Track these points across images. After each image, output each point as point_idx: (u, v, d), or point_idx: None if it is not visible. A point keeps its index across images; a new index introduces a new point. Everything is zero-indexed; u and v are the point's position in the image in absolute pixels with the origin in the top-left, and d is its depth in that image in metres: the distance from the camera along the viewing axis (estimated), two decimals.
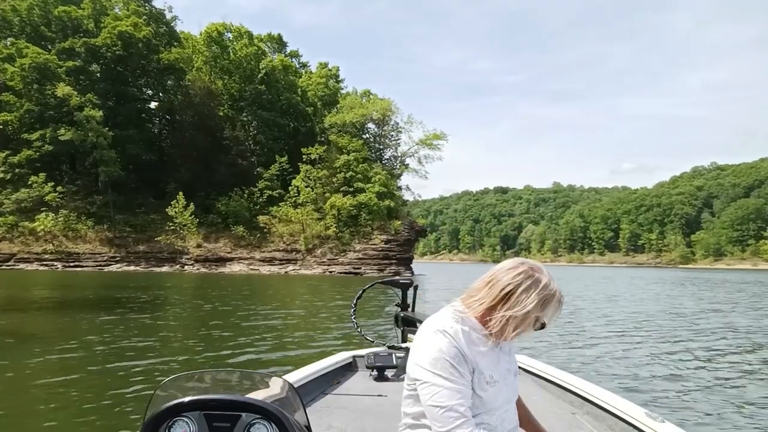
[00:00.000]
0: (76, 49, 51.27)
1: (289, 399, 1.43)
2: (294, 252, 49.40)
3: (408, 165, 58.37)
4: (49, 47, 52.46)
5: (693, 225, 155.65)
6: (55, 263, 45.39)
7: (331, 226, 49.80)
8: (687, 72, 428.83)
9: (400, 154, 59.14)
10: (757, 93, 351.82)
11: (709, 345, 10.31)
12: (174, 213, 47.55)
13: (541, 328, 1.42)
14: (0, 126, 49.66)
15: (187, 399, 1.27)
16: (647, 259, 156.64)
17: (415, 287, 3.63)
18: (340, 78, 67.44)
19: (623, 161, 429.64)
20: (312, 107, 61.24)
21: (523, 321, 1.37)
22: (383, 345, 3.57)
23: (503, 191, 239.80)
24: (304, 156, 51.89)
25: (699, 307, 18.97)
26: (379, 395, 2.94)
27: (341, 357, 3.45)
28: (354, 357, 3.54)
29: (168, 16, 60.89)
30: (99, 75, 52.91)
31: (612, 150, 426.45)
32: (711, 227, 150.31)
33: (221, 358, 8.09)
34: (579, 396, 2.69)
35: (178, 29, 61.92)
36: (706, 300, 23.09)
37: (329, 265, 48.00)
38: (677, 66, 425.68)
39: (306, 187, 51.40)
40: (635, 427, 2.10)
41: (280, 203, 51.72)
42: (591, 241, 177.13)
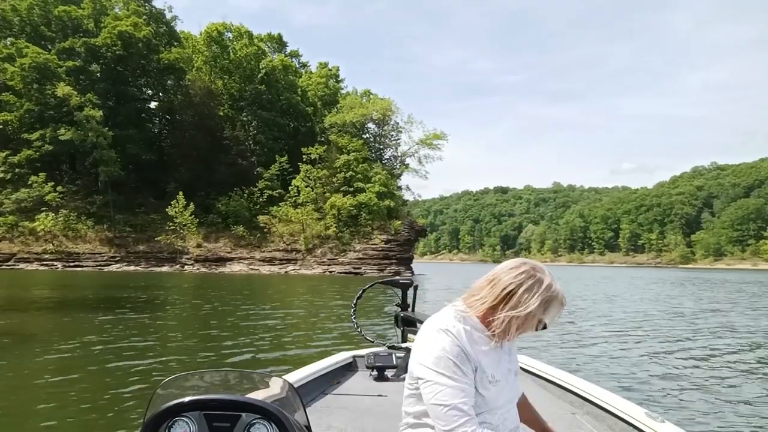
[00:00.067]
0: (76, 49, 51.28)
1: (289, 399, 1.43)
2: (294, 252, 49.41)
3: (408, 165, 58.47)
4: (49, 47, 52.44)
5: (693, 225, 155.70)
6: (55, 263, 45.39)
7: (331, 226, 49.81)
8: (687, 72, 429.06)
9: (400, 153, 59.24)
10: (757, 93, 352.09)
11: (709, 345, 10.32)
12: (174, 213, 47.54)
13: (543, 328, 1.43)
14: (0, 126, 49.67)
15: (187, 399, 1.26)
16: (647, 259, 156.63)
17: (415, 287, 3.63)
18: (340, 78, 67.53)
19: (623, 161, 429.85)
20: (312, 107, 61.24)
21: (526, 321, 1.38)
22: (383, 345, 3.57)
23: (503, 191, 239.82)
24: (304, 156, 51.87)
25: (698, 307, 18.98)
26: (379, 395, 2.94)
27: (341, 357, 3.45)
28: (354, 357, 3.54)
29: (168, 15, 61.02)
30: (99, 75, 52.90)
31: (612, 150, 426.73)
32: (711, 227, 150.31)
33: (221, 358, 8.08)
34: (579, 396, 2.69)
35: (178, 29, 62.02)
36: (705, 300, 23.10)
37: (329, 265, 48.01)
38: (677, 66, 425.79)
39: (306, 187, 51.38)
40: (635, 427, 2.10)
41: (280, 203, 51.69)
42: (591, 241, 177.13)
